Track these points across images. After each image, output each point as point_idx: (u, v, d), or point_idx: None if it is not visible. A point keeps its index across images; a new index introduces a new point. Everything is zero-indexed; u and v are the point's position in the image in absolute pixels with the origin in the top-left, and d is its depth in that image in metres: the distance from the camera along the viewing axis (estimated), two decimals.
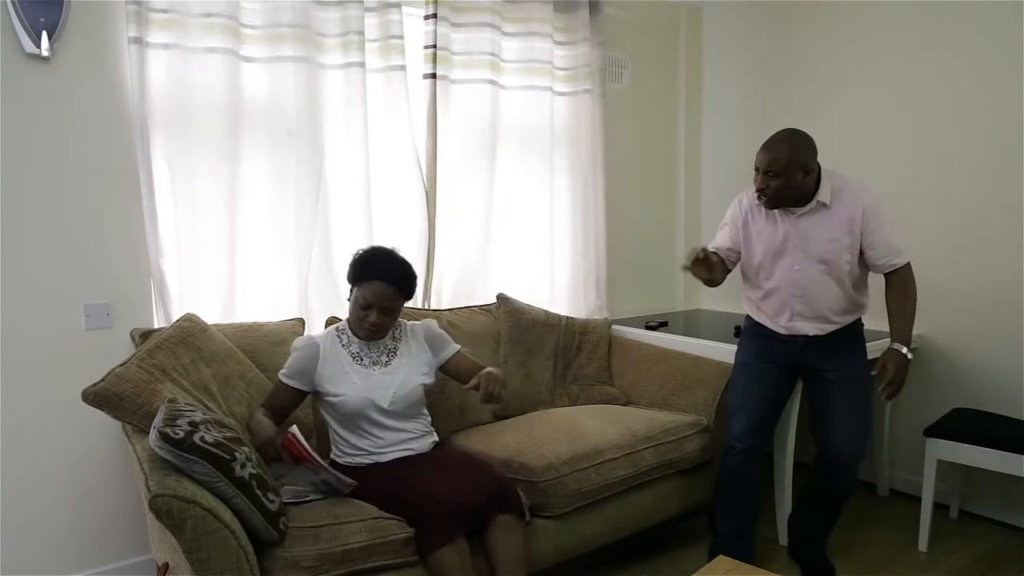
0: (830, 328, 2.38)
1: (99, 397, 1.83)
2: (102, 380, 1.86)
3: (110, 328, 2.34)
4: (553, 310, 3.17)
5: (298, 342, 2.20)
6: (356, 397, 2.12)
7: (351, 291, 2.17)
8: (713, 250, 2.45)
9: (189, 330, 2.16)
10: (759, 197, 2.32)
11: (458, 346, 2.34)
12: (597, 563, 2.55)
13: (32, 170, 2.19)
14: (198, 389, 2.05)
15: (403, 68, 2.76)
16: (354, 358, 2.17)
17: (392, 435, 2.15)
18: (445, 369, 2.32)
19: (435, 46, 2.86)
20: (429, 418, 2.30)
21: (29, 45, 2.12)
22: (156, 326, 2.38)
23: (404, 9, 2.78)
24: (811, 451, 3.42)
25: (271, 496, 1.75)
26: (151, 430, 1.68)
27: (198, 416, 1.73)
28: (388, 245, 2.25)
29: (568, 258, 3.37)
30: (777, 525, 2.77)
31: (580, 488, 2.30)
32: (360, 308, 2.12)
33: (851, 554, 2.68)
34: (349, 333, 2.21)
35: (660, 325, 3.31)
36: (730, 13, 3.74)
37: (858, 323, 2.46)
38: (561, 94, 3.26)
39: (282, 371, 2.16)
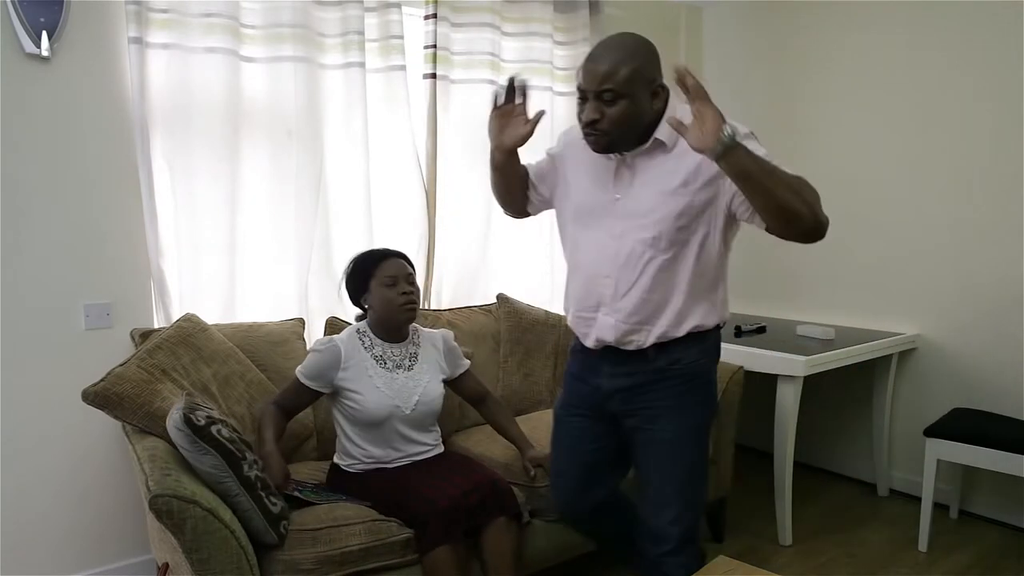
0: (644, 334, 1.67)
1: (99, 397, 1.84)
2: (102, 380, 1.87)
3: (110, 328, 2.34)
4: (553, 310, 3.17)
5: (318, 343, 2.13)
6: (378, 402, 2.07)
7: (364, 295, 2.15)
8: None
9: (189, 330, 2.16)
10: (587, 135, 1.64)
11: (468, 362, 2.33)
12: (597, 563, 2.55)
13: (32, 170, 2.19)
14: (198, 389, 2.05)
15: (403, 68, 2.76)
16: (377, 361, 2.12)
17: (406, 447, 2.13)
18: (453, 385, 2.30)
19: (435, 46, 2.86)
20: (439, 430, 2.28)
21: (29, 45, 2.12)
22: (156, 326, 2.38)
23: (404, 9, 2.78)
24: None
25: (274, 500, 1.76)
26: (172, 411, 1.68)
27: (215, 414, 1.75)
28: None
29: None
30: (777, 525, 2.77)
31: None
32: (388, 288, 2.09)
33: (851, 554, 2.68)
34: (372, 335, 2.16)
35: None
36: (730, 13, 3.74)
37: (699, 343, 1.70)
38: (561, 94, 3.25)
39: (300, 370, 2.09)
